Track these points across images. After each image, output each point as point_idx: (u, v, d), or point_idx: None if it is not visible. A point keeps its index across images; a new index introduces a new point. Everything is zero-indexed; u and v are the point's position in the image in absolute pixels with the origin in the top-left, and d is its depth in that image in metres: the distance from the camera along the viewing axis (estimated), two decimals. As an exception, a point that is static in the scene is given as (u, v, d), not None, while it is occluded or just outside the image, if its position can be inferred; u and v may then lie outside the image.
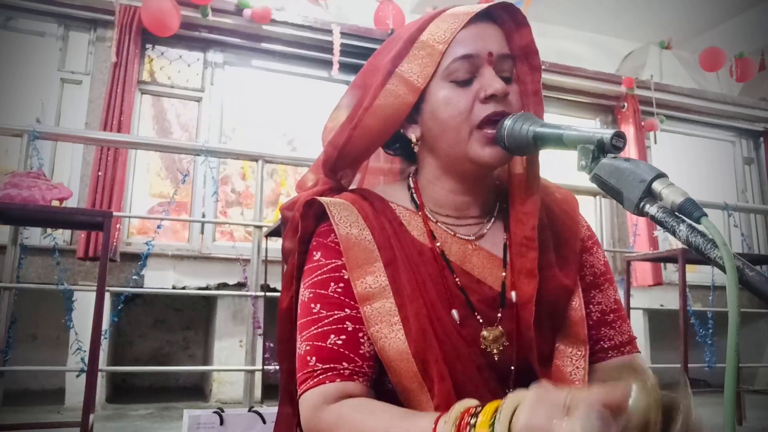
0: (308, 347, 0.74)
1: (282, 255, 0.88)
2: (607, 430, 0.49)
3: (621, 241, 5.17)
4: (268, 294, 3.03)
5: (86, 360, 2.24)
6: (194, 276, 3.94)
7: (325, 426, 0.69)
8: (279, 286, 3.22)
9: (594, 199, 4.45)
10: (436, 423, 0.60)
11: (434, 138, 0.81)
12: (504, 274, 0.81)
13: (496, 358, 0.77)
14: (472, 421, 0.57)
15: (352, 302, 0.76)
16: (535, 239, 0.78)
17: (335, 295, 0.76)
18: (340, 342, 0.73)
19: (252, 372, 2.93)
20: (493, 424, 0.55)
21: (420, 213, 0.84)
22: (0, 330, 2.49)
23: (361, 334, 0.75)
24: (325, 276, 0.78)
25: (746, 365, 4.66)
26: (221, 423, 1.77)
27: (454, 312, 0.77)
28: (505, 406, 0.55)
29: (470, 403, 0.60)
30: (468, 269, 0.81)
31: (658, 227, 0.61)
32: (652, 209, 0.60)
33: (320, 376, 0.71)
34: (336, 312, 0.75)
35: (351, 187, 0.92)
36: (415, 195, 0.85)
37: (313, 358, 0.73)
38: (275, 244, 3.13)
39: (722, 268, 0.54)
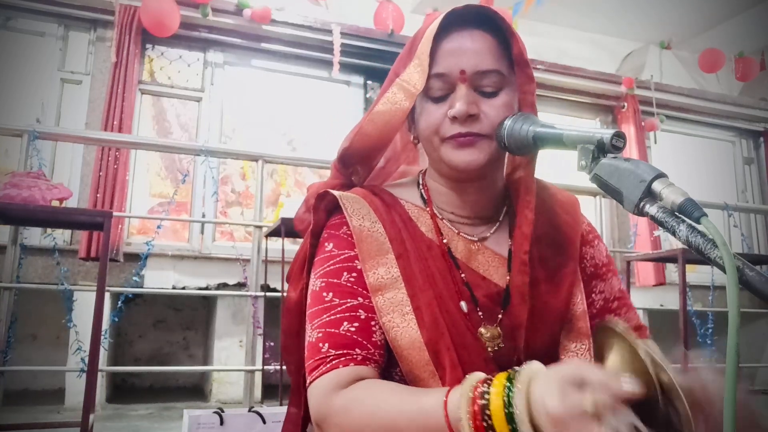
0: (320, 334, 0.75)
1: (299, 230, 0.90)
2: None
3: (621, 241, 5.17)
4: (268, 294, 3.03)
5: (86, 360, 2.24)
6: (194, 276, 3.94)
7: (339, 409, 0.69)
8: (279, 286, 3.18)
9: (594, 199, 4.44)
10: (447, 396, 0.61)
11: (422, 143, 0.85)
12: (508, 277, 0.82)
13: (491, 356, 0.78)
14: (485, 395, 0.58)
15: (364, 291, 0.77)
16: (527, 264, 0.79)
17: (348, 284, 0.78)
18: (353, 329, 0.74)
19: (252, 372, 2.93)
20: (508, 393, 0.56)
21: (428, 210, 0.85)
22: (0, 330, 2.49)
23: (373, 323, 0.76)
24: (337, 266, 0.79)
25: (746, 365, 4.66)
26: (221, 423, 1.77)
27: (463, 303, 0.78)
28: (520, 384, 0.56)
29: (480, 376, 0.61)
30: (473, 267, 0.82)
31: (659, 227, 0.61)
32: (652, 209, 0.60)
33: (333, 361, 0.72)
34: (349, 300, 0.76)
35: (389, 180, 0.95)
36: (423, 192, 0.87)
37: (326, 345, 0.73)
38: (275, 244, 3.13)
39: (722, 268, 0.54)
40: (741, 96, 6.24)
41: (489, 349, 0.78)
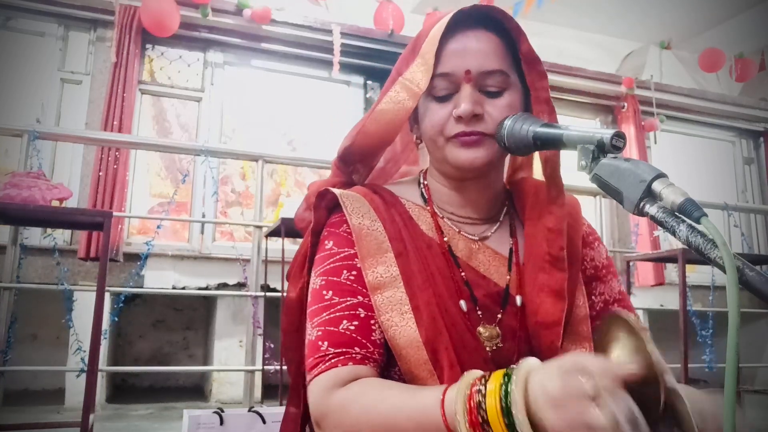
0: (320, 332, 0.75)
1: (299, 228, 0.90)
2: (636, 420, 0.51)
3: (621, 241, 5.17)
4: (268, 294, 3.03)
5: (86, 360, 2.24)
6: (194, 276, 3.94)
7: (336, 407, 0.69)
8: (279, 286, 3.18)
9: (594, 199, 4.44)
10: (444, 393, 0.61)
11: (425, 142, 0.85)
12: (508, 277, 0.82)
13: (490, 355, 0.77)
14: (482, 391, 0.58)
15: (364, 290, 0.77)
16: (564, 260, 0.79)
17: (348, 283, 0.78)
18: (352, 328, 0.74)
19: (252, 372, 2.93)
20: (504, 389, 0.56)
21: (429, 208, 0.86)
22: (0, 330, 2.49)
23: (372, 322, 0.75)
24: (337, 264, 0.79)
25: (746, 365, 4.66)
26: (221, 423, 1.77)
27: (462, 303, 0.78)
28: (518, 376, 0.56)
29: (477, 373, 0.61)
30: (474, 265, 0.82)
31: (658, 227, 0.61)
32: (652, 209, 0.60)
33: (332, 360, 0.72)
34: (349, 299, 0.76)
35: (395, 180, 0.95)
36: (424, 191, 0.88)
37: (325, 343, 0.73)
38: (275, 244, 3.13)
39: (722, 268, 0.53)
40: (741, 96, 6.24)
41: (487, 348, 0.77)
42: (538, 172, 0.90)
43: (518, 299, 0.81)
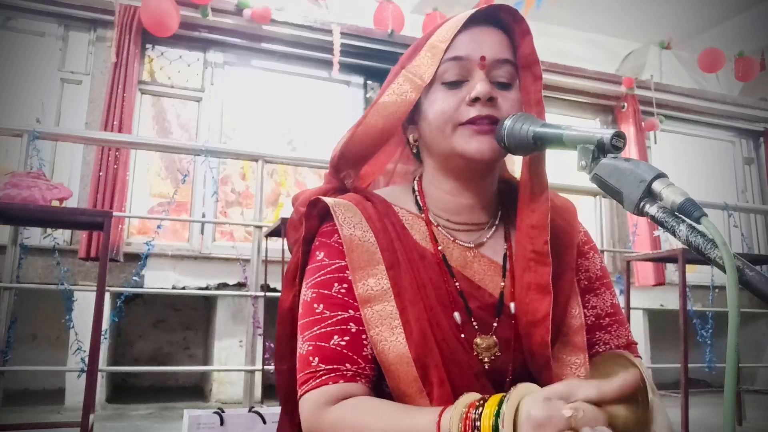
0: (311, 347, 0.73)
1: (288, 245, 0.89)
2: None
3: (621, 241, 5.17)
4: (268, 294, 3.03)
5: (86, 360, 2.24)
6: (194, 276, 3.94)
7: (327, 426, 0.68)
8: (279, 286, 3.19)
9: (594, 199, 4.44)
10: (439, 416, 0.60)
11: (426, 138, 0.83)
12: (503, 283, 0.81)
13: (486, 367, 0.76)
14: (477, 412, 0.58)
15: (355, 303, 0.75)
16: (548, 254, 0.77)
17: (339, 296, 0.76)
18: (343, 343, 0.73)
19: (252, 372, 2.93)
20: (497, 415, 0.56)
21: (423, 216, 0.84)
22: (0, 330, 2.49)
23: (364, 336, 0.74)
24: (328, 276, 0.78)
25: (746, 365, 4.66)
26: (221, 423, 1.77)
27: (457, 315, 0.76)
28: (511, 398, 0.56)
29: (474, 396, 0.61)
30: (468, 275, 0.81)
31: (658, 227, 0.61)
32: (652, 209, 0.60)
33: (323, 377, 0.71)
34: (340, 313, 0.75)
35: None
36: (419, 198, 0.86)
37: (316, 359, 0.72)
38: (275, 244, 3.13)
39: (722, 268, 0.53)
40: (741, 96, 6.24)
41: (485, 359, 0.76)
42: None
43: (512, 306, 0.79)
